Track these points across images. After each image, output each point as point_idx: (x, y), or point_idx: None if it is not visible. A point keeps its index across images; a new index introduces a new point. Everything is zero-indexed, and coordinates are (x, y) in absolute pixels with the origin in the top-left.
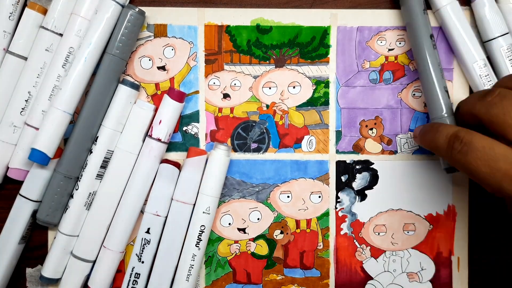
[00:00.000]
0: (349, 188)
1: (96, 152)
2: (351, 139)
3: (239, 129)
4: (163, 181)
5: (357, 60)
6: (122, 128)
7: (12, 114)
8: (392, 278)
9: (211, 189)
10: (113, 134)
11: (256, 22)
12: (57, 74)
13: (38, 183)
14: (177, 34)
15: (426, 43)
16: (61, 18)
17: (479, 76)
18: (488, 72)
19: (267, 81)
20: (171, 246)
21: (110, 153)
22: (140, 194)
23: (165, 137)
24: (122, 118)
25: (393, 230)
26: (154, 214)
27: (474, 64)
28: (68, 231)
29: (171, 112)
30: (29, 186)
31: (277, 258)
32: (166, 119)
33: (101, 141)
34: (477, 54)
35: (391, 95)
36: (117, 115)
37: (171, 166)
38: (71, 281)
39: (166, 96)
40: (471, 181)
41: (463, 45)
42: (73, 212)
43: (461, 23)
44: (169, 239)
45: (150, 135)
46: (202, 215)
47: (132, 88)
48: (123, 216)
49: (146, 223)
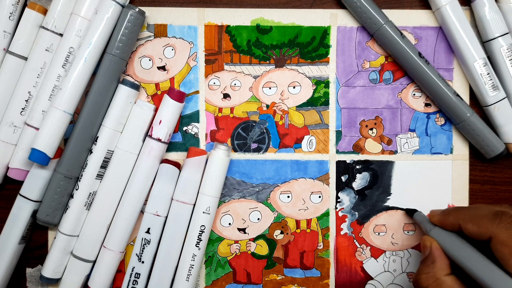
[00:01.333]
0: (349, 188)
1: (96, 152)
2: (351, 139)
3: (239, 129)
4: (163, 181)
5: (357, 60)
6: (122, 128)
7: (12, 114)
8: (392, 278)
9: (211, 189)
10: (113, 134)
11: (256, 22)
12: (57, 74)
13: (38, 183)
14: (177, 34)
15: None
16: (61, 18)
17: (479, 75)
18: (488, 71)
19: (267, 81)
20: (171, 246)
21: (110, 153)
22: (140, 194)
23: (165, 137)
24: (122, 118)
25: (393, 230)
26: (154, 214)
27: (474, 63)
28: (68, 231)
29: (171, 112)
30: (29, 186)
31: (277, 258)
32: (166, 119)
33: (101, 141)
34: (477, 53)
35: (391, 95)
36: (117, 115)
37: (171, 166)
38: (71, 281)
39: (166, 96)
40: (471, 181)
41: (463, 44)
42: (73, 212)
43: (461, 23)
44: (169, 239)
45: (150, 135)
46: (202, 215)
47: (132, 88)
48: (123, 216)
49: (146, 223)
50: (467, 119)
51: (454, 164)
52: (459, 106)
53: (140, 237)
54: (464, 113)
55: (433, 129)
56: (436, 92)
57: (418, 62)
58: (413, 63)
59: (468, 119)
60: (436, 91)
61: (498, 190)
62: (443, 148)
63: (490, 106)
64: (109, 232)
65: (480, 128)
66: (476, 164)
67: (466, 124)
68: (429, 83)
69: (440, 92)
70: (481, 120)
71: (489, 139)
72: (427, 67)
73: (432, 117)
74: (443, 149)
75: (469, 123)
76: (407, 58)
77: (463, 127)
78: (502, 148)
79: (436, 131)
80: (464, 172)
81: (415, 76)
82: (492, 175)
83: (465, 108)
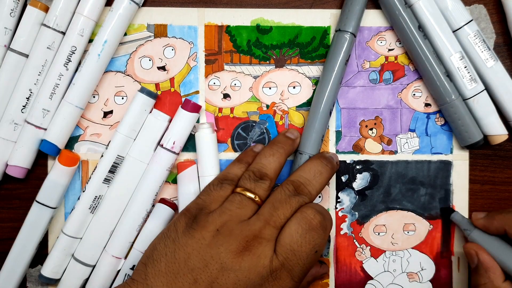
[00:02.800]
0: (349, 188)
1: (106, 156)
2: (351, 139)
3: (239, 129)
4: (156, 221)
5: (357, 60)
6: (136, 135)
7: (13, 111)
8: (392, 278)
9: (211, 168)
10: (126, 140)
11: (256, 22)
12: (58, 72)
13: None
14: (177, 34)
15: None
16: (63, 16)
17: (457, 69)
18: (465, 64)
19: (267, 81)
20: None
21: (120, 159)
22: (146, 203)
23: (178, 149)
24: (136, 125)
25: (393, 230)
26: (141, 252)
27: (451, 57)
28: (71, 233)
29: (184, 124)
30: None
31: None
32: (179, 130)
33: (112, 146)
34: (453, 47)
35: (391, 95)
36: (131, 122)
37: (167, 207)
38: (70, 283)
39: (180, 108)
40: (471, 181)
41: (438, 39)
42: (78, 214)
43: (435, 17)
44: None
45: (161, 145)
46: None
47: (149, 96)
48: (126, 224)
49: (132, 260)
50: (451, 101)
51: (454, 164)
52: (445, 86)
53: (124, 273)
54: (449, 94)
55: (433, 129)
56: (427, 68)
57: (415, 34)
58: (410, 34)
59: (452, 101)
60: (426, 67)
61: (498, 190)
62: (443, 148)
63: (470, 100)
64: (111, 238)
65: (462, 113)
66: (476, 164)
67: (449, 106)
68: (421, 57)
69: (431, 69)
70: (466, 106)
71: (469, 125)
72: (423, 41)
73: (432, 117)
74: (443, 149)
75: (452, 105)
76: (405, 29)
77: (446, 109)
78: (479, 137)
79: (436, 131)
80: (464, 172)
81: (409, 48)
82: (492, 175)
83: (451, 90)
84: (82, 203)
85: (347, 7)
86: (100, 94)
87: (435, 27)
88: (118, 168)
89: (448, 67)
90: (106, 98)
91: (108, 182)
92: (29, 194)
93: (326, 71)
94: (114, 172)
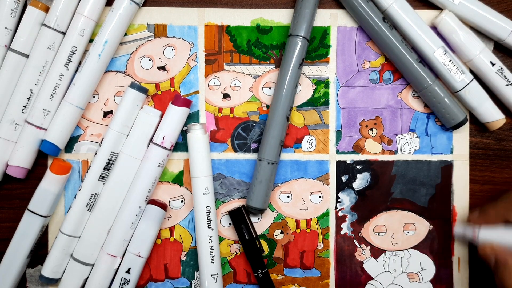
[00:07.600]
0: (350, 188)
1: (100, 153)
2: (351, 139)
3: (239, 129)
4: (148, 222)
5: (357, 60)
6: (128, 131)
7: (14, 111)
8: (392, 278)
9: (202, 169)
10: (119, 136)
11: (256, 22)
12: (59, 72)
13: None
14: (177, 34)
15: (381, 28)
16: (63, 16)
17: (442, 63)
18: (450, 58)
19: (267, 81)
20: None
21: (114, 156)
22: (140, 199)
23: (168, 144)
24: (128, 121)
25: (393, 230)
26: (135, 255)
27: (434, 54)
28: (69, 232)
29: (176, 119)
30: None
31: (277, 258)
32: (171, 126)
33: (106, 143)
34: (434, 43)
35: (391, 95)
36: (123, 118)
37: (157, 208)
38: (70, 283)
39: (171, 104)
40: (471, 181)
41: (418, 38)
42: (75, 213)
43: (411, 17)
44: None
45: (153, 141)
46: (203, 197)
47: (139, 91)
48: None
49: (127, 263)
50: (428, 86)
51: (454, 164)
52: (420, 73)
53: (120, 277)
54: (425, 80)
55: (433, 129)
56: (399, 58)
57: (381, 26)
58: (376, 28)
59: (429, 86)
60: (398, 56)
61: (498, 190)
62: (443, 148)
63: (461, 91)
64: (109, 236)
65: (441, 96)
66: (476, 164)
67: (427, 91)
68: (391, 48)
69: (402, 58)
70: (443, 88)
71: (450, 107)
72: (390, 32)
73: (432, 117)
74: (443, 149)
75: (430, 90)
76: (370, 22)
77: (425, 94)
78: (462, 117)
79: (436, 131)
80: (464, 172)
81: (378, 41)
82: (492, 175)
83: (427, 75)
84: (78, 201)
85: (297, 11)
86: (100, 94)
87: (413, 26)
88: (112, 165)
89: (434, 64)
90: (106, 98)
91: (103, 180)
92: (29, 194)
93: (280, 76)
94: (109, 169)
